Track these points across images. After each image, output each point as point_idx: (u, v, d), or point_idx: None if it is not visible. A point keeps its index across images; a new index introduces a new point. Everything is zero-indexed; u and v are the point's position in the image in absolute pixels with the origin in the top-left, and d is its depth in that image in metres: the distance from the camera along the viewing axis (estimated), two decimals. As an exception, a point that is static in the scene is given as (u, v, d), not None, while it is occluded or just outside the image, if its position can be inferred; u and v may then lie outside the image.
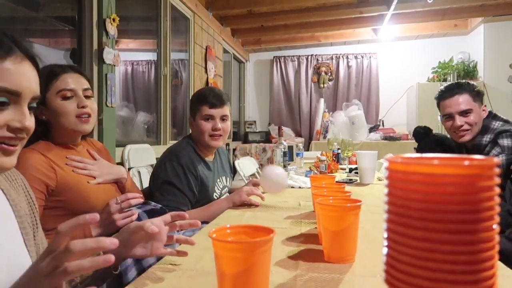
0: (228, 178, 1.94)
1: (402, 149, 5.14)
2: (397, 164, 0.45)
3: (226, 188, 1.90)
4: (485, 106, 1.96)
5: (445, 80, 5.70)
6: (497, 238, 0.40)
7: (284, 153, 2.42)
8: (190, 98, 1.90)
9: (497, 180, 0.40)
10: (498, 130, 1.84)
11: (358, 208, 0.85)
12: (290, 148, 3.43)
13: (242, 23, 5.61)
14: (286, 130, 6.32)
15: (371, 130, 5.92)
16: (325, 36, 6.31)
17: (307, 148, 6.06)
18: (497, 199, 0.40)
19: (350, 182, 2.13)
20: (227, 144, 5.49)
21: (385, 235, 0.47)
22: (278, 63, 6.84)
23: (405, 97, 6.28)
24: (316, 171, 2.46)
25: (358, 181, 2.15)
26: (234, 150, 5.79)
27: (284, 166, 2.41)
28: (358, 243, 0.90)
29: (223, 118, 1.77)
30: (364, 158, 2.13)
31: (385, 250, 0.47)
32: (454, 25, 5.92)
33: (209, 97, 1.75)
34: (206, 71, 4.66)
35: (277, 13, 5.18)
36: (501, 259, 0.92)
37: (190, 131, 1.85)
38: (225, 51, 5.68)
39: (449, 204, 0.40)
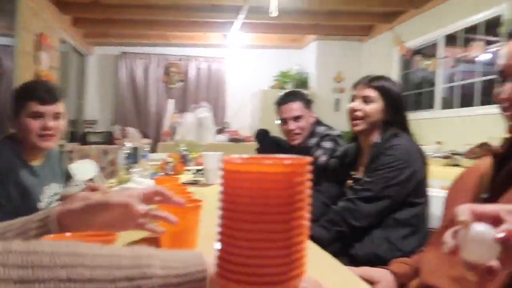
0: (59, 185, 1.74)
1: (245, 150, 5.47)
2: (229, 164, 0.48)
3: (57, 195, 1.71)
4: (313, 113, 2.25)
5: (283, 88, 6.31)
6: (308, 224, 0.47)
7: (128, 155, 2.32)
8: (14, 92, 1.64)
9: (309, 176, 0.47)
10: (322, 134, 2.13)
11: (198, 208, 0.87)
12: (136, 150, 3.30)
13: (86, 13, 5.16)
14: (132, 131, 6.05)
15: (218, 132, 6.14)
16: (175, 36, 6.28)
17: (153, 149, 5.92)
18: (309, 192, 0.47)
19: (195, 183, 2.17)
20: (61, 146, 4.94)
21: (219, 230, 0.49)
22: (126, 59, 6.52)
23: (250, 101, 6.71)
24: (162, 173, 2.42)
25: (204, 181, 2.20)
26: (70, 152, 5.25)
27: (127, 169, 2.31)
28: (199, 241, 0.92)
29: (55, 116, 1.59)
30: (209, 159, 2.19)
31: (218, 245, 0.49)
32: (293, 39, 6.61)
33: (38, 92, 1.54)
34: (37, 62, 4.12)
35: (126, 7, 4.92)
36: (314, 241, 1.08)
37: (12, 131, 1.60)
38: (63, 41, 5.14)
39: (271, 198, 0.45)
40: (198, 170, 2.51)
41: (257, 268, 0.44)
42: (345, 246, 1.51)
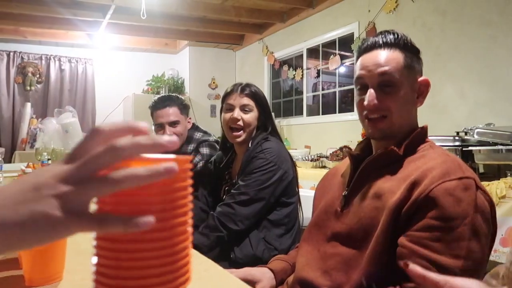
0: None
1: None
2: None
3: None
4: (190, 118, 2.24)
5: (158, 93, 6.15)
6: (190, 230, 0.46)
7: (-25, 166, 1.99)
8: None
9: (190, 181, 0.46)
10: (199, 140, 2.14)
11: (66, 221, 0.79)
12: (-15, 159, 2.85)
13: None
14: (-20, 138, 5.22)
15: (87, 138, 5.67)
16: (32, 32, 5.60)
17: (9, 159, 5.20)
18: (190, 198, 0.46)
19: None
20: None
21: (94, 243, 0.45)
22: (-32, 56, 5.59)
23: (122, 106, 6.37)
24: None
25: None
26: None
27: (-25, 182, 1.98)
28: (68, 258, 0.83)
29: None
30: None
31: (94, 259, 0.45)
32: (165, 43, 6.49)
33: None
34: None
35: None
36: (194, 248, 1.08)
37: None
38: None
39: (152, 205, 0.43)
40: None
41: (140, 280, 0.42)
42: (225, 251, 1.54)
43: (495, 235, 0.90)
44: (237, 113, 1.63)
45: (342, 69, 4.61)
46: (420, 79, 1.03)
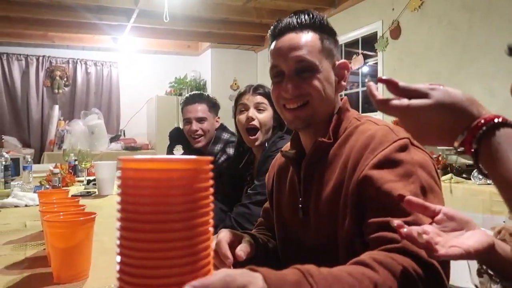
0: None
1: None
2: (128, 163, 0.46)
3: None
4: (219, 117, 2.26)
5: (180, 94, 6.22)
6: (211, 230, 0.47)
7: (6, 167, 2.06)
8: None
9: (211, 182, 0.47)
10: (227, 141, 2.16)
11: (91, 221, 0.81)
12: (16, 160, 2.95)
13: None
14: (10, 140, 5.39)
15: (112, 140, 5.81)
16: (60, 37, 5.78)
17: (38, 160, 5.36)
18: (211, 198, 0.47)
19: (88, 194, 2.01)
20: None
21: (118, 242, 0.46)
22: (1, 60, 5.79)
23: (146, 108, 6.47)
24: (48, 186, 2.20)
25: (97, 193, 2.06)
26: None
27: (6, 183, 2.05)
28: (93, 256, 0.85)
29: None
30: (102, 169, 2.05)
31: (118, 258, 0.46)
32: (188, 46, 6.56)
33: None
34: None
35: (1, 2, 4.38)
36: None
37: None
38: None
39: (174, 205, 0.43)
40: (90, 181, 2.34)
41: (162, 279, 0.43)
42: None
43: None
44: (251, 112, 1.63)
45: (366, 69, 4.55)
46: (338, 62, 0.96)
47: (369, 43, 4.34)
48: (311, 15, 0.94)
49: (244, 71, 6.51)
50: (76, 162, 2.89)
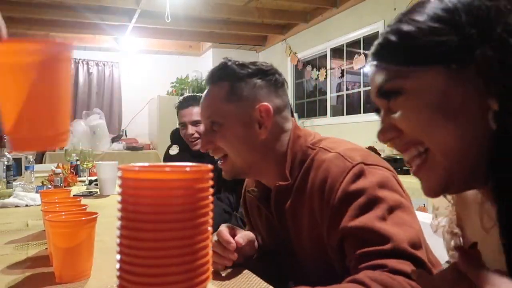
0: None
1: (144, 159, 5.28)
2: (129, 172, 0.47)
3: None
4: None
5: (182, 94, 6.23)
6: (210, 230, 0.47)
7: (8, 167, 2.07)
8: None
9: (211, 183, 0.47)
10: None
11: (93, 221, 0.82)
12: (18, 160, 2.97)
13: None
14: (13, 140, 5.41)
15: (114, 140, 5.81)
16: (62, 37, 5.79)
17: (40, 160, 5.38)
18: (211, 199, 0.47)
19: (90, 194, 2.02)
20: None
21: (118, 241, 0.47)
22: (2, 61, 5.82)
23: (147, 108, 6.48)
24: (50, 186, 2.21)
25: (99, 193, 2.07)
26: None
27: (8, 182, 2.06)
28: (95, 256, 0.86)
29: None
30: (104, 169, 2.06)
31: (118, 257, 0.47)
32: (189, 46, 6.57)
33: None
34: None
35: (2, 2, 4.40)
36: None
37: None
38: None
39: (172, 206, 0.44)
40: (92, 181, 2.34)
41: (161, 278, 0.43)
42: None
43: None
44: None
45: (367, 69, 4.54)
46: (257, 106, 0.90)
47: (371, 43, 4.32)
48: (222, 65, 0.96)
49: (246, 71, 6.50)
50: (78, 162, 2.91)
